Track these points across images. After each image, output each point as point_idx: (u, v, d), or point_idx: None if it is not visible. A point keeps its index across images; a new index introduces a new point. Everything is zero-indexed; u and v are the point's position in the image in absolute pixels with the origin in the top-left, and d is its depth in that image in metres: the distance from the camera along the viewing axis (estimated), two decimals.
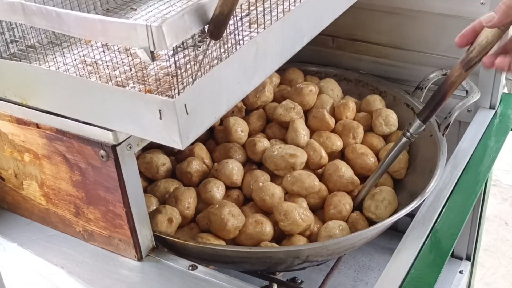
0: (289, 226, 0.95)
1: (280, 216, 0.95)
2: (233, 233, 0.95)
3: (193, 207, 1.00)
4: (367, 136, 1.15)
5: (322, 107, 1.18)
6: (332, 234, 0.95)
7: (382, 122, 1.15)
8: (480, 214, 1.34)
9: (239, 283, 0.81)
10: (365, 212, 1.02)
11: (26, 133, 0.85)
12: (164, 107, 0.65)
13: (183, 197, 0.99)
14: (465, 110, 1.19)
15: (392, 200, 1.01)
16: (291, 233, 0.96)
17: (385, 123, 1.15)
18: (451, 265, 1.39)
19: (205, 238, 0.94)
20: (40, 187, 0.90)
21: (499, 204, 2.37)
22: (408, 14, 1.23)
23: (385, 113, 1.15)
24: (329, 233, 0.95)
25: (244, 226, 0.95)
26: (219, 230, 0.94)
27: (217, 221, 0.94)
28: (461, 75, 0.86)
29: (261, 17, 0.76)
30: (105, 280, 0.84)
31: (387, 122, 1.15)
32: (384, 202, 1.00)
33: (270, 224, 0.96)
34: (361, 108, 1.21)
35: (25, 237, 0.93)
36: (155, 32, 0.59)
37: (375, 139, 1.14)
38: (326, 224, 0.97)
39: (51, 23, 0.66)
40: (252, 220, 0.96)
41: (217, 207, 0.96)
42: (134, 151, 0.80)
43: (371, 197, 1.02)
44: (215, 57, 0.71)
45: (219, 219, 0.94)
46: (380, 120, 1.15)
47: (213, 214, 0.95)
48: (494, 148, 1.11)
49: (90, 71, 0.79)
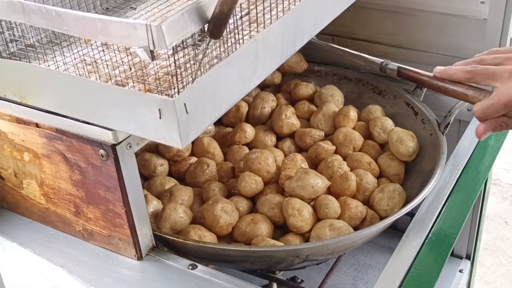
0: (300, 223, 0.95)
1: (292, 211, 0.95)
2: (226, 229, 0.95)
3: (188, 204, 1.00)
4: (364, 145, 1.14)
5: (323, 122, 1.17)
6: (320, 234, 0.94)
7: (380, 131, 1.13)
8: (480, 213, 1.34)
9: (239, 282, 0.81)
10: (376, 206, 1.02)
11: (26, 132, 0.85)
12: (164, 106, 0.65)
13: (178, 193, 1.00)
14: (465, 109, 1.19)
15: (401, 191, 1.01)
16: (300, 230, 0.96)
17: (383, 131, 1.13)
18: (451, 264, 1.39)
19: (197, 229, 0.94)
20: (40, 186, 0.90)
21: (499, 203, 2.37)
22: (408, 13, 1.23)
23: (380, 122, 1.14)
24: (317, 233, 0.95)
25: (239, 222, 0.96)
26: (212, 226, 0.95)
27: (210, 217, 0.95)
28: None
29: (261, 16, 0.76)
30: (105, 279, 0.84)
31: (384, 130, 1.13)
32: (395, 193, 1.01)
33: (266, 224, 0.96)
34: (362, 117, 1.20)
35: (25, 236, 0.93)
36: (155, 31, 0.59)
37: (371, 148, 1.13)
38: (315, 225, 0.97)
39: (50, 22, 0.66)
40: (248, 218, 0.96)
41: (210, 203, 0.96)
42: (134, 150, 0.80)
43: (381, 191, 1.02)
44: (215, 56, 0.71)
45: (212, 216, 0.95)
46: (377, 130, 1.13)
47: (206, 210, 0.96)
48: (494, 147, 1.11)
49: (89, 70, 0.79)
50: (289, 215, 0.96)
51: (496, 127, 0.77)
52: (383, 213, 1.01)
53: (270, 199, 1.00)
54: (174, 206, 0.96)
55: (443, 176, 1.01)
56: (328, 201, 0.98)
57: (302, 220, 0.95)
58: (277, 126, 1.16)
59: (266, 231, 0.96)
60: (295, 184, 0.99)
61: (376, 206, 1.01)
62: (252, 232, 0.95)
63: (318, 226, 0.95)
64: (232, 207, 0.97)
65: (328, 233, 0.94)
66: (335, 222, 0.95)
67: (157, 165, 1.07)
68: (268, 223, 0.97)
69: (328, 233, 0.94)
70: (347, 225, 0.96)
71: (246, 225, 0.96)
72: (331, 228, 0.94)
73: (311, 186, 0.98)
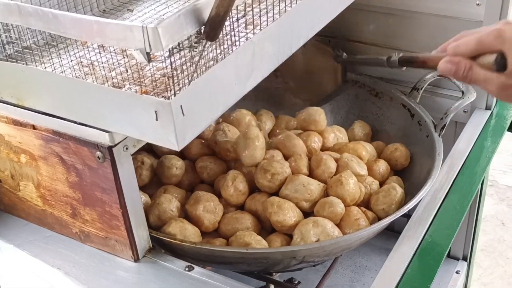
0: (282, 217, 0.95)
1: (272, 208, 0.96)
2: (212, 227, 0.98)
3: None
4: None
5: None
6: (303, 230, 0.94)
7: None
8: (477, 215, 1.34)
9: (236, 284, 0.81)
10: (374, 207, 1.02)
11: (23, 134, 0.85)
12: (160, 108, 0.65)
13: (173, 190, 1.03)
14: (461, 111, 1.19)
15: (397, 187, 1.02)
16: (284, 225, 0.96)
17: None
18: (447, 266, 1.40)
19: (179, 221, 0.94)
20: (37, 188, 0.90)
21: (496, 205, 2.38)
22: (405, 15, 1.23)
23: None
24: (300, 229, 0.94)
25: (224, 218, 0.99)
26: (199, 227, 0.96)
27: (194, 219, 0.96)
28: None
29: (257, 18, 0.77)
30: (101, 281, 0.84)
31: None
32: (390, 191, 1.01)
33: (248, 216, 0.99)
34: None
35: (22, 238, 0.92)
36: (151, 34, 0.59)
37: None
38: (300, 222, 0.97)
39: (47, 24, 0.66)
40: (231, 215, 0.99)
41: (191, 203, 0.98)
42: (130, 152, 0.80)
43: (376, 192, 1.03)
44: (211, 58, 0.72)
45: (196, 217, 0.96)
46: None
47: (189, 211, 0.97)
48: (490, 148, 1.11)
49: (86, 72, 0.79)
50: (270, 212, 0.96)
51: (458, 69, 0.73)
52: (381, 212, 1.01)
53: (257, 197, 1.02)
54: (170, 198, 0.98)
55: (439, 178, 1.01)
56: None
57: (284, 214, 0.96)
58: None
59: (250, 224, 0.98)
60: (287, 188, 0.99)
61: (374, 207, 1.02)
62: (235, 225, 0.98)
63: (302, 223, 0.95)
64: (214, 203, 0.98)
65: (312, 230, 0.93)
66: (319, 220, 0.94)
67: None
68: (250, 216, 0.99)
69: (311, 229, 0.93)
70: (331, 222, 0.95)
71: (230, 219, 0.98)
72: (315, 225, 0.93)
73: (303, 185, 0.98)
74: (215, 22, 0.64)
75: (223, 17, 0.63)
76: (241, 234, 0.95)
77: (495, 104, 1.22)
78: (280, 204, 0.97)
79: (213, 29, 0.64)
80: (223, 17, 0.63)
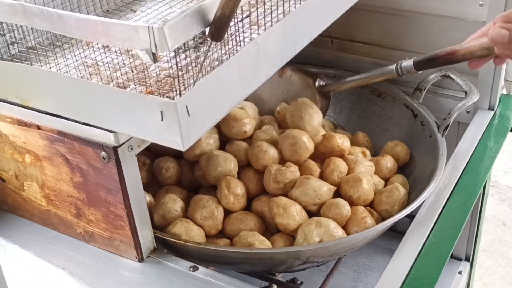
0: (286, 220, 0.95)
1: (278, 210, 0.96)
2: (215, 231, 0.98)
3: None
4: None
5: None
6: (306, 230, 0.93)
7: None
8: (479, 215, 1.34)
9: (240, 284, 0.82)
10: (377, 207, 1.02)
11: (27, 134, 0.85)
12: (165, 108, 0.65)
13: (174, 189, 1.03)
14: (464, 111, 1.19)
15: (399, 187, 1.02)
16: (288, 228, 0.96)
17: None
18: (450, 266, 1.40)
19: (184, 221, 0.94)
20: (41, 188, 0.90)
21: (497, 205, 2.38)
22: (408, 16, 1.23)
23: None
24: (304, 230, 0.94)
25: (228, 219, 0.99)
26: (204, 231, 0.96)
27: (196, 223, 0.96)
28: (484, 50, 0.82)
29: (261, 18, 0.77)
30: (106, 281, 0.84)
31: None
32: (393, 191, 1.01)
33: (253, 217, 0.99)
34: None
35: (26, 239, 0.93)
36: (157, 34, 0.59)
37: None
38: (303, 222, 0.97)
39: (52, 24, 0.66)
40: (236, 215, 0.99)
41: (190, 210, 0.97)
42: (135, 152, 0.80)
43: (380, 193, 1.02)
44: (216, 58, 0.72)
45: (197, 223, 0.96)
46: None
47: (190, 216, 0.97)
48: (493, 149, 1.11)
49: (91, 72, 0.79)
50: (275, 213, 0.96)
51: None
52: (384, 213, 1.01)
53: (263, 198, 1.02)
54: (174, 198, 0.98)
55: (443, 178, 1.01)
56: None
57: (288, 217, 0.95)
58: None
59: (255, 225, 0.98)
60: (297, 191, 0.99)
61: (377, 207, 1.02)
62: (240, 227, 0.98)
63: (305, 223, 0.95)
64: (212, 207, 0.97)
65: (315, 230, 0.93)
66: (322, 220, 0.94)
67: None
68: (255, 217, 0.99)
69: (314, 230, 0.93)
70: (334, 222, 0.95)
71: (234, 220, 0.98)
72: (318, 225, 0.93)
73: (313, 190, 0.98)
74: (220, 23, 0.64)
75: (228, 18, 0.63)
76: (244, 235, 0.95)
77: (498, 105, 1.22)
78: (286, 207, 0.96)
79: (219, 29, 0.64)
80: (228, 17, 0.63)
